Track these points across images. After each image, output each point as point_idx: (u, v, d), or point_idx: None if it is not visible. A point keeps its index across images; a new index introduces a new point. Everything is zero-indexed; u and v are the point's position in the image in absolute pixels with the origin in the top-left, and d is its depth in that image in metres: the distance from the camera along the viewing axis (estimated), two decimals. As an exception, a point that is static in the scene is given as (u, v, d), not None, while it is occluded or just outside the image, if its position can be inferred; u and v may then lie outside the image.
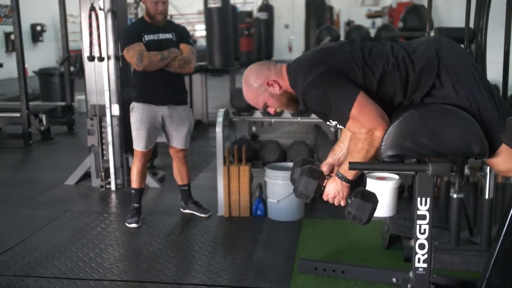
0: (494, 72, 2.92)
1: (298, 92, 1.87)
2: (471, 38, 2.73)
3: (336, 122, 1.82)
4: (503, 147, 1.73)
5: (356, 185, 1.95)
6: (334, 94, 1.75)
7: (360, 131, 1.74)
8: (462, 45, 2.81)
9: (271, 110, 2.01)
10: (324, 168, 2.05)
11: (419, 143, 1.74)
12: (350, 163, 1.77)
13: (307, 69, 1.84)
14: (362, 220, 1.84)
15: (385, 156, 1.76)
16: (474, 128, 1.72)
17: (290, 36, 16.70)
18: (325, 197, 1.92)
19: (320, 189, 1.92)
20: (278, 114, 3.73)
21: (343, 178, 1.86)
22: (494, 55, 2.93)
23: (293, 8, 16.47)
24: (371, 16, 13.43)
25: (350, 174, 1.84)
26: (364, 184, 2.02)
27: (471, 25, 2.80)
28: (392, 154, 1.75)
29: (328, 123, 1.93)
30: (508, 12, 2.73)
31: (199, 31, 15.85)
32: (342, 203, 1.91)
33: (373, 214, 1.85)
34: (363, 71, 1.78)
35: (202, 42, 11.17)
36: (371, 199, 1.85)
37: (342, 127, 1.85)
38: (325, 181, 1.94)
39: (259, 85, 1.93)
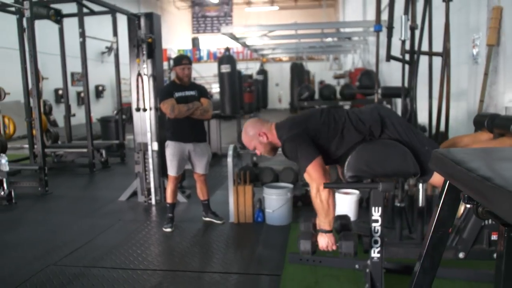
0: (423, 117, 3.02)
1: (281, 141, 1.92)
2: (406, 93, 2.82)
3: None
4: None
5: (344, 228, 1.93)
6: (301, 151, 1.81)
7: (311, 185, 1.79)
8: (400, 99, 2.92)
9: (257, 152, 2.05)
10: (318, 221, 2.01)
11: (370, 166, 1.78)
12: (324, 184, 1.79)
13: (290, 127, 1.92)
14: (351, 255, 1.82)
15: (347, 176, 1.80)
16: (408, 155, 1.77)
17: (280, 91, 16.94)
18: (321, 249, 1.90)
19: (315, 244, 1.89)
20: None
21: (324, 231, 1.85)
22: (423, 105, 3.02)
23: (281, 71, 16.78)
24: (336, 77, 13.69)
25: (327, 226, 1.84)
26: (349, 226, 1.98)
27: (406, 84, 2.91)
28: (352, 174, 1.79)
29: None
30: (430, 76, 2.85)
31: (215, 88, 16.11)
32: (334, 248, 1.89)
33: (357, 247, 1.83)
34: (328, 131, 1.86)
35: (217, 96, 11.38)
36: (351, 238, 1.83)
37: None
38: (316, 236, 1.90)
39: (253, 134, 1.99)
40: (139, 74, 3.97)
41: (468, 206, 2.00)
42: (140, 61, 3.97)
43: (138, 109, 4.03)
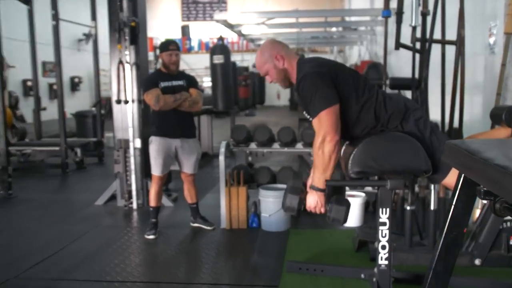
0: (435, 113, 3.04)
1: (299, 75, 1.86)
2: (417, 85, 2.85)
3: (309, 113, 1.84)
4: (451, 172, 1.78)
5: (336, 192, 1.92)
6: (321, 90, 1.77)
7: (318, 133, 1.76)
8: (410, 91, 2.95)
9: (269, 78, 2.00)
10: (309, 181, 1.99)
11: (378, 161, 1.79)
12: (326, 180, 1.79)
13: (318, 64, 1.89)
14: (340, 222, 1.78)
15: (352, 172, 1.80)
16: (419, 150, 1.78)
17: (278, 87, 16.98)
18: (308, 209, 1.87)
19: (302, 202, 1.85)
20: (268, 145, 3.78)
21: (315, 188, 1.83)
22: (435, 99, 3.05)
23: (280, 64, 16.81)
24: (341, 71, 13.73)
25: (320, 184, 1.81)
26: (342, 191, 1.96)
27: (416, 75, 2.94)
28: (358, 170, 1.80)
29: (304, 113, 1.96)
30: (442, 67, 2.88)
31: (206, 82, 16.11)
32: (322, 210, 1.84)
33: (348, 215, 1.80)
34: (352, 93, 1.83)
35: (209, 91, 11.40)
36: (344, 203, 1.81)
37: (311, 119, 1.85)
38: (305, 194, 1.88)
39: (269, 55, 1.93)
40: (120, 62, 3.96)
41: (484, 202, 2.03)
42: (122, 48, 3.96)
43: (119, 101, 4.02)
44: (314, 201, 1.84)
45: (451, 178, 1.78)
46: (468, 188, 1.19)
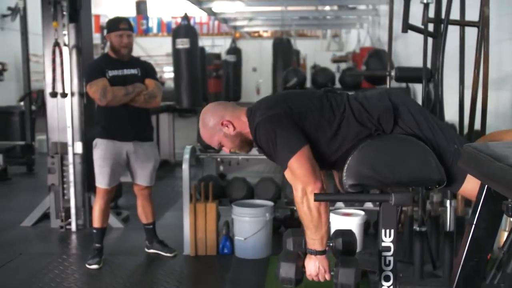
0: (451, 113, 3.07)
1: (252, 128, 1.89)
2: (429, 77, 2.88)
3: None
4: (469, 177, 1.76)
5: (347, 249, 1.92)
6: (282, 137, 1.79)
7: (295, 187, 1.78)
8: (421, 84, 2.98)
9: (226, 149, 2.04)
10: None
11: (378, 171, 1.78)
12: (315, 194, 1.76)
13: (267, 107, 1.90)
14: None
15: (347, 185, 1.79)
16: (428, 154, 1.77)
17: (258, 79, 17.06)
18: (309, 278, 1.86)
19: (301, 270, 1.85)
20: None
21: (314, 253, 1.82)
22: (451, 97, 3.09)
23: (260, 51, 16.91)
24: (336, 60, 13.91)
25: (318, 246, 1.82)
26: (353, 246, 1.97)
27: (429, 64, 2.97)
28: (353, 183, 1.78)
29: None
30: (461, 54, 2.92)
31: (167, 73, 16.02)
32: (327, 277, 1.84)
33: (359, 277, 1.80)
34: (320, 120, 1.85)
35: (170, 84, 11.31)
36: (352, 264, 1.81)
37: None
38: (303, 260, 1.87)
39: (214, 124, 1.96)
40: (56, 45, 3.94)
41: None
42: (58, 26, 3.94)
43: (54, 94, 3.99)
44: (314, 267, 1.83)
45: (470, 184, 1.78)
46: (492, 203, 1.19)
